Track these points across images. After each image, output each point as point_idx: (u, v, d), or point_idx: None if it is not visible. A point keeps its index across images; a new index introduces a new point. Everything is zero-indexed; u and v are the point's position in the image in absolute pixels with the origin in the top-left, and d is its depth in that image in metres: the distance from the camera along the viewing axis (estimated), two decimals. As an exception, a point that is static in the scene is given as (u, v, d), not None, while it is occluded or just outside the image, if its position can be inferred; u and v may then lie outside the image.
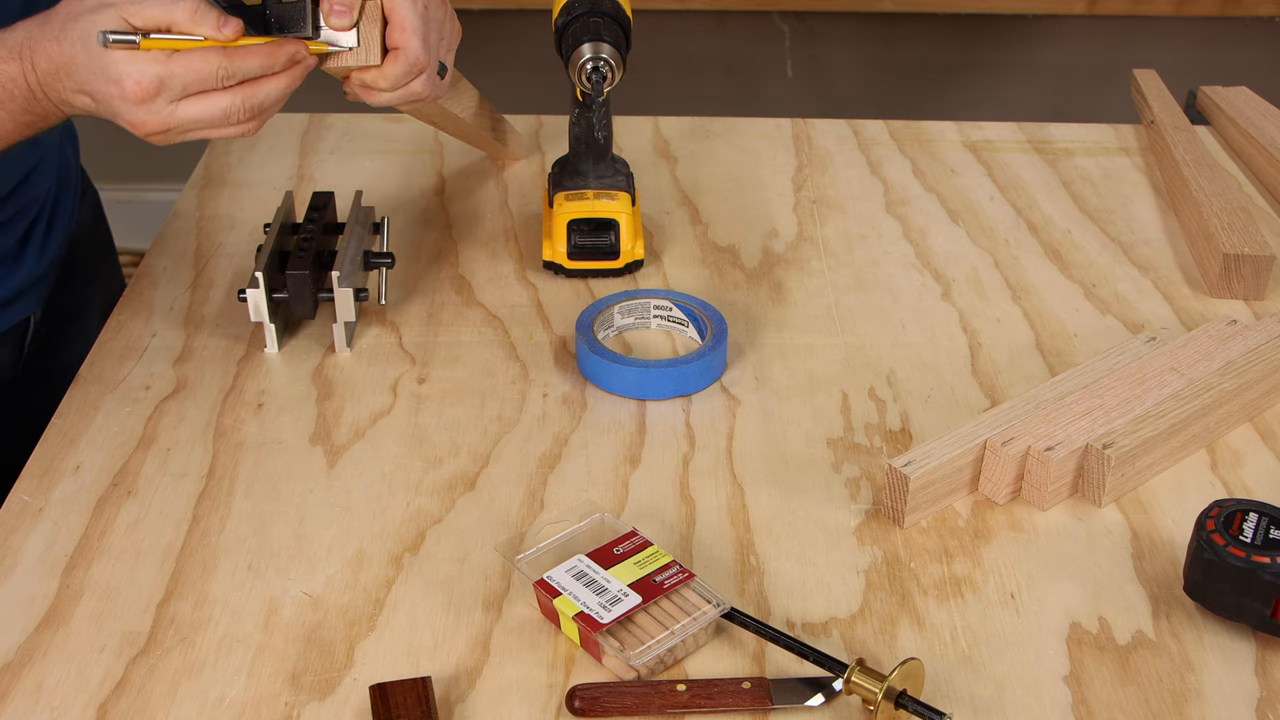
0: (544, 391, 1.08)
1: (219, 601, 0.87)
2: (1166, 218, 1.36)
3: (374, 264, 1.14)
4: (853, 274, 1.25)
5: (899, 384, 1.09)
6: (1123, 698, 0.81)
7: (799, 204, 1.37)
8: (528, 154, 1.46)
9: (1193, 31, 2.50)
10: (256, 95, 0.92)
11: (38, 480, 0.97)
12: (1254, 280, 1.21)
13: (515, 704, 0.80)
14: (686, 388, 1.07)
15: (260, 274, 1.06)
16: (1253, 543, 0.83)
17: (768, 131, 1.53)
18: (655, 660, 0.81)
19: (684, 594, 0.85)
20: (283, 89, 0.93)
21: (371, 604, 0.87)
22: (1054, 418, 0.98)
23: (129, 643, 0.84)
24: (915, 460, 0.93)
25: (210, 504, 0.95)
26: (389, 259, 1.14)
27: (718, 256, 1.28)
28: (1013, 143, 1.51)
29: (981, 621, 0.86)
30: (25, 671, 0.82)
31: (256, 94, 0.92)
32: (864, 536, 0.93)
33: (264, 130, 1.50)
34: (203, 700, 0.80)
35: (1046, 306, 1.20)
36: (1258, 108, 1.52)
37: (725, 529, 0.94)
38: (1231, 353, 1.05)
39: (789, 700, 0.79)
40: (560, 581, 0.85)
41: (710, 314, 1.12)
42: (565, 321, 1.16)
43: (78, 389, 1.07)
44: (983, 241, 1.31)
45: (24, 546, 0.91)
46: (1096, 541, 0.93)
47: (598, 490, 0.97)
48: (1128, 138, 1.52)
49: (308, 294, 1.09)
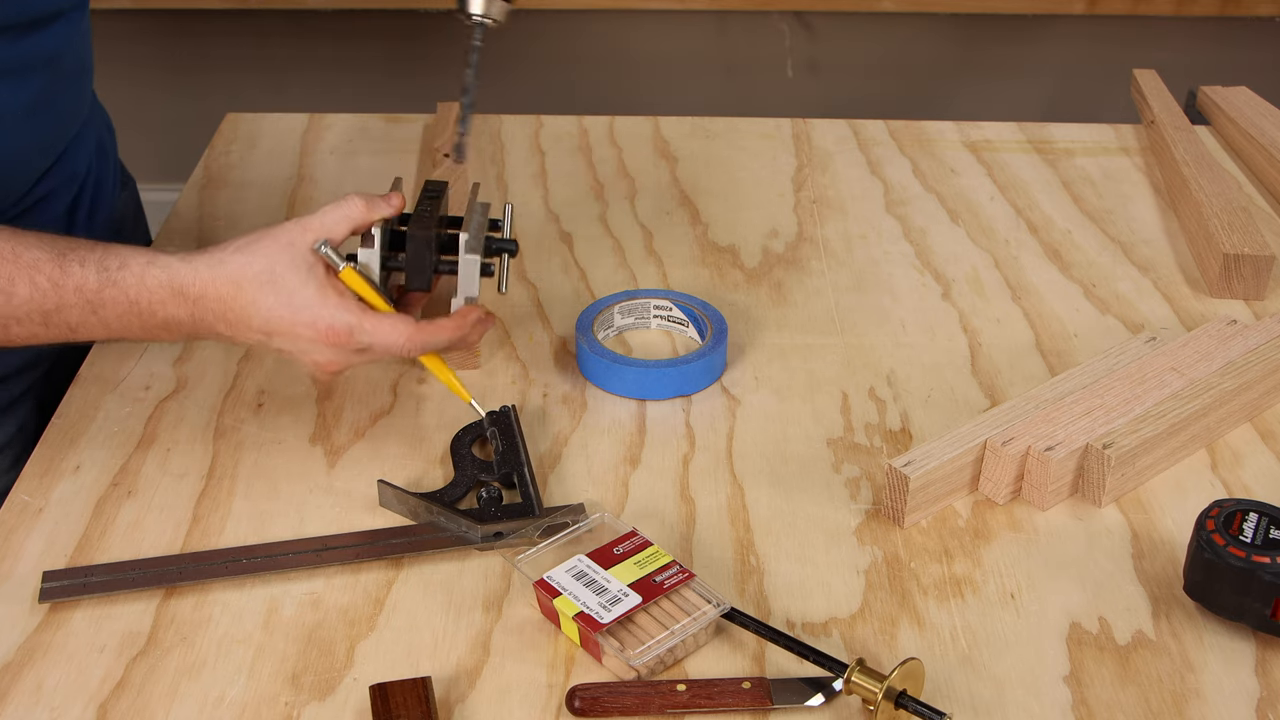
0: (544, 391, 1.08)
1: (219, 601, 0.87)
2: (1166, 218, 1.36)
3: (497, 249, 1.03)
4: (853, 274, 1.25)
5: (899, 384, 1.09)
6: (1123, 698, 0.81)
7: (799, 204, 1.37)
8: (528, 154, 1.46)
9: (1193, 31, 2.50)
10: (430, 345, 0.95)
11: (38, 480, 0.97)
12: (1254, 280, 1.21)
13: (515, 704, 0.80)
14: (686, 388, 1.07)
15: (378, 230, 0.95)
16: (1253, 543, 0.83)
17: (768, 131, 1.53)
18: (655, 660, 0.81)
19: (684, 594, 0.85)
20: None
21: (371, 604, 0.87)
22: (1054, 418, 0.98)
23: (129, 643, 0.84)
24: (915, 460, 0.93)
25: (210, 504, 0.95)
26: (512, 245, 1.03)
27: (718, 256, 1.28)
28: (1013, 143, 1.51)
29: (981, 621, 0.86)
30: (25, 671, 0.82)
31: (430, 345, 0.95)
32: (864, 536, 0.93)
33: (264, 130, 1.51)
34: (203, 700, 0.80)
35: (1046, 306, 1.20)
36: (1258, 108, 1.52)
37: (725, 529, 0.94)
38: (1231, 353, 1.05)
39: (789, 700, 0.79)
40: (560, 581, 0.85)
41: (710, 314, 1.12)
42: (565, 321, 1.16)
43: (78, 389, 1.07)
44: (983, 241, 1.31)
45: (24, 546, 0.91)
46: (1096, 541, 0.93)
47: (598, 490, 0.97)
48: (1128, 138, 1.52)
49: (427, 261, 0.98)
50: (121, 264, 0.88)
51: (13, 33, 0.98)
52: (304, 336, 0.90)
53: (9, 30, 0.98)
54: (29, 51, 1.00)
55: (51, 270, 0.87)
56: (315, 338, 0.90)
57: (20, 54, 0.99)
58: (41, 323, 0.88)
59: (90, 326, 0.89)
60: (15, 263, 0.87)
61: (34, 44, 1.00)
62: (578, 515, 0.93)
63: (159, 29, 2.51)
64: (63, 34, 1.04)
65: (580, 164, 1.44)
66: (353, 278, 0.93)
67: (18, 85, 1.00)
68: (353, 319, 0.90)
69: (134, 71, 2.50)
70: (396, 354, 0.93)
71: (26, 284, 0.87)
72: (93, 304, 0.88)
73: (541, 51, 2.55)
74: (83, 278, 0.87)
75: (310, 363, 0.92)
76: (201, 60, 2.56)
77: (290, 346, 0.91)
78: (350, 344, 0.90)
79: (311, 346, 0.90)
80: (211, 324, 0.90)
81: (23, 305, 0.87)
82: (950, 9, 2.43)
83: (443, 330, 0.94)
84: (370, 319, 0.91)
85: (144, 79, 2.54)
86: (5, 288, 0.86)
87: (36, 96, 1.02)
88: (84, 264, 0.88)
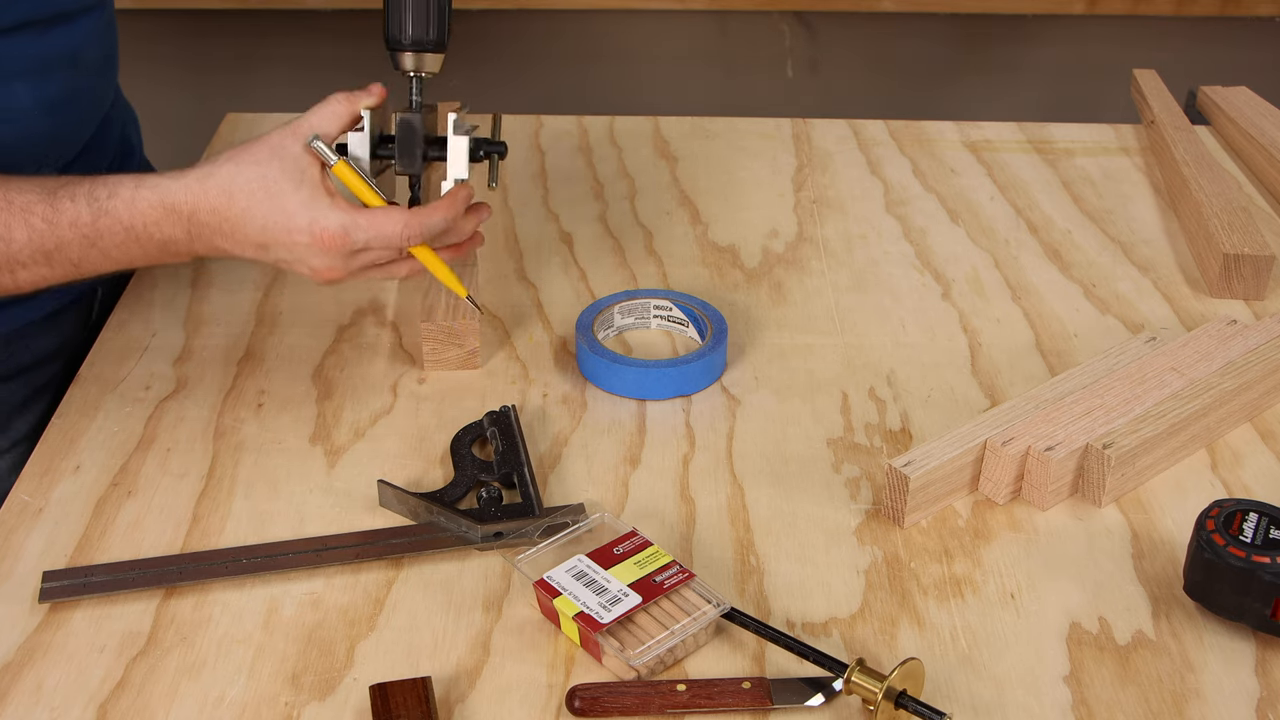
0: (544, 391, 1.08)
1: (219, 601, 0.87)
2: (1166, 218, 1.36)
3: (487, 151, 1.01)
4: (853, 274, 1.25)
5: (899, 384, 1.09)
6: (1123, 698, 0.81)
7: (799, 204, 1.37)
8: (526, 156, 1.46)
9: (1193, 31, 2.49)
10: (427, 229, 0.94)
11: (38, 480, 0.97)
12: (1254, 280, 1.21)
13: (515, 704, 0.80)
14: (686, 388, 1.07)
15: (366, 115, 0.95)
16: (1253, 543, 0.83)
17: (768, 131, 1.53)
18: (655, 660, 0.81)
19: (684, 594, 0.85)
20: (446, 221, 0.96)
21: (371, 604, 0.87)
22: (1054, 418, 0.98)
23: (129, 643, 0.84)
24: (915, 460, 0.93)
25: (210, 504, 0.95)
26: (501, 146, 1.02)
27: (718, 256, 1.28)
28: (1013, 143, 1.51)
29: (981, 621, 0.86)
30: (25, 671, 0.82)
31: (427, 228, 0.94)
32: (864, 536, 0.93)
33: (264, 130, 1.50)
34: (203, 700, 0.80)
35: (1046, 306, 1.20)
36: (1258, 108, 1.52)
37: (725, 529, 0.94)
38: (1231, 353, 1.05)
39: (789, 700, 0.79)
40: (560, 581, 0.85)
41: (710, 314, 1.12)
42: (565, 321, 1.16)
43: (78, 389, 1.07)
44: (983, 241, 1.31)
45: (24, 546, 0.91)
46: (1096, 541, 0.93)
47: (598, 490, 0.97)
48: (1128, 138, 1.52)
49: (416, 142, 0.97)
50: (111, 192, 0.88)
51: (36, 28, 0.98)
52: (299, 243, 0.89)
53: (33, 26, 0.98)
54: (51, 48, 1.00)
55: (44, 210, 0.87)
56: (310, 243, 0.89)
57: (42, 51, 0.99)
58: (45, 263, 0.88)
59: (93, 260, 0.89)
60: (8, 208, 0.87)
61: (56, 40, 1.00)
62: (578, 515, 0.93)
63: (159, 29, 2.51)
64: (85, 30, 1.04)
65: (580, 164, 1.44)
66: (346, 172, 0.92)
67: (40, 83, 1.00)
68: (346, 218, 0.90)
69: (134, 71, 2.50)
70: (394, 244, 0.91)
71: (23, 227, 0.87)
72: (89, 237, 0.88)
73: (541, 51, 2.55)
74: (75, 212, 0.87)
75: (309, 271, 0.91)
76: (202, 60, 2.56)
77: (287, 255, 0.90)
78: (346, 244, 0.90)
79: (308, 253, 0.90)
80: (209, 238, 0.90)
81: (23, 249, 0.87)
82: (950, 9, 2.43)
83: (436, 211, 0.93)
84: (364, 215, 0.90)
85: (144, 78, 2.53)
86: (3, 234, 0.87)
87: (58, 93, 1.02)
88: (74, 198, 0.88)
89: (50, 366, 1.14)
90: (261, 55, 2.53)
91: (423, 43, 0.97)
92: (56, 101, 1.03)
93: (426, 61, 0.99)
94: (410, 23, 0.96)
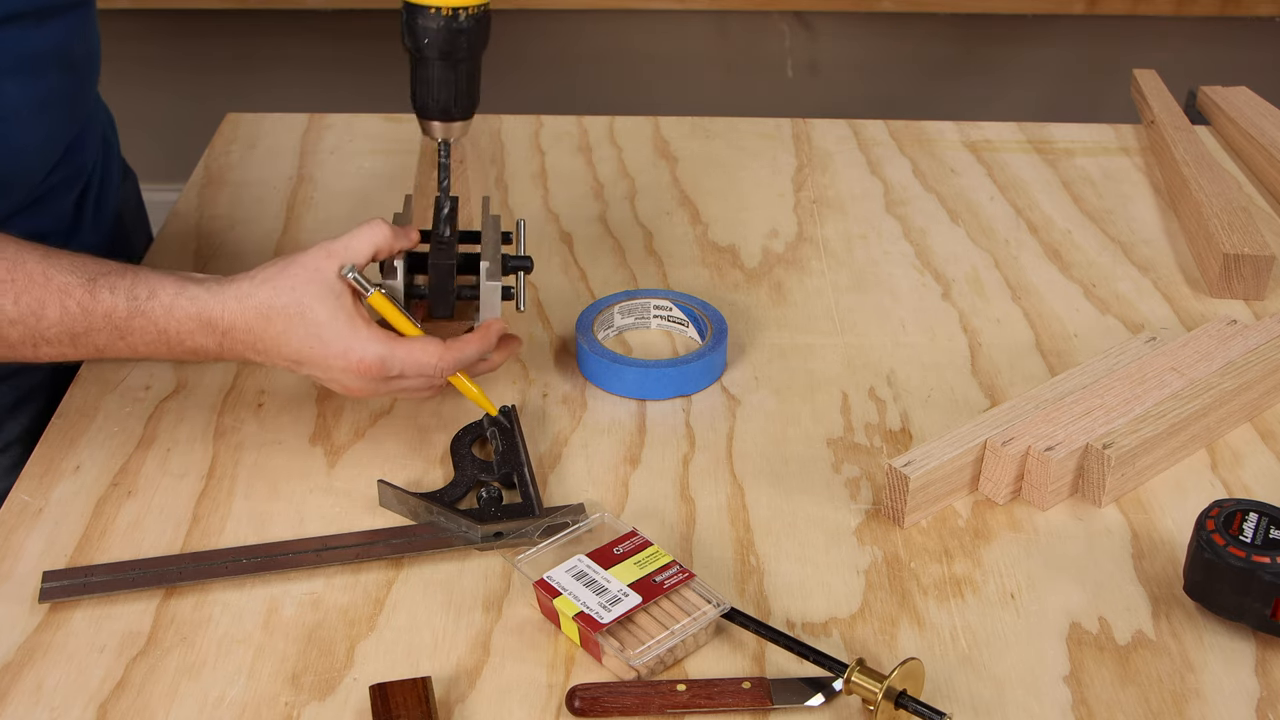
0: (544, 391, 1.08)
1: (219, 601, 0.87)
2: (1166, 218, 1.36)
3: (513, 267, 1.04)
4: (853, 274, 1.25)
5: (899, 384, 1.09)
6: (1123, 698, 0.81)
7: (799, 204, 1.37)
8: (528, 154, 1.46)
9: (1193, 31, 2.50)
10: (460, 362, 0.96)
11: (38, 480, 0.97)
12: (1254, 280, 1.21)
13: (515, 704, 0.80)
14: (686, 388, 1.07)
15: (399, 263, 0.97)
16: (1253, 543, 0.83)
17: (768, 131, 1.53)
18: (655, 660, 0.81)
19: (684, 594, 0.85)
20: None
21: (371, 604, 0.87)
22: (1054, 418, 0.98)
23: (129, 643, 0.84)
24: (915, 460, 0.93)
25: (210, 504, 0.95)
26: (527, 262, 1.04)
27: (718, 256, 1.28)
28: (1013, 143, 1.51)
29: (981, 621, 0.86)
30: (25, 671, 0.82)
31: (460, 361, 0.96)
32: (864, 536, 0.93)
33: (264, 130, 1.51)
34: (203, 700, 0.80)
35: (1046, 306, 1.20)
36: (1258, 108, 1.52)
37: (725, 529, 0.94)
38: (1231, 353, 1.05)
39: (789, 700, 0.79)
40: (560, 581, 0.85)
41: (710, 314, 1.12)
42: (565, 321, 1.16)
43: (78, 389, 1.07)
44: (983, 241, 1.31)
45: (24, 546, 0.91)
46: (1096, 541, 0.93)
47: (598, 490, 0.97)
48: (1128, 138, 1.53)
49: (450, 289, 1.00)
50: (150, 293, 0.89)
51: (26, 21, 0.98)
52: (335, 367, 0.91)
53: (23, 18, 0.98)
54: (41, 45, 1.00)
55: (82, 295, 0.88)
56: (347, 368, 0.91)
57: (33, 47, 1.00)
58: (70, 344, 0.90)
59: (118, 349, 0.91)
60: (46, 286, 0.88)
61: (45, 36, 1.01)
62: (578, 515, 0.93)
63: (159, 29, 2.51)
64: (72, 26, 1.04)
65: (580, 164, 1.45)
66: (381, 302, 0.93)
67: (31, 80, 1.00)
68: (383, 349, 0.91)
69: (134, 71, 2.50)
70: (429, 374, 0.93)
71: (57, 307, 0.88)
72: (121, 330, 0.89)
73: (541, 51, 2.55)
74: (112, 304, 0.88)
75: (341, 389, 0.93)
76: (201, 60, 2.56)
77: (322, 375, 0.92)
78: (382, 373, 0.91)
79: (343, 375, 0.92)
80: (241, 352, 0.91)
81: (52, 327, 0.88)
82: (950, 9, 2.43)
83: (470, 344, 0.95)
84: (401, 346, 0.92)
85: (144, 79, 2.54)
86: (36, 310, 0.87)
87: (49, 91, 1.03)
88: (114, 290, 0.89)
89: (42, 368, 1.14)
90: (261, 55, 2.53)
91: (450, 112, 0.98)
92: (48, 99, 1.03)
93: (455, 130, 0.99)
94: (439, 95, 0.97)
